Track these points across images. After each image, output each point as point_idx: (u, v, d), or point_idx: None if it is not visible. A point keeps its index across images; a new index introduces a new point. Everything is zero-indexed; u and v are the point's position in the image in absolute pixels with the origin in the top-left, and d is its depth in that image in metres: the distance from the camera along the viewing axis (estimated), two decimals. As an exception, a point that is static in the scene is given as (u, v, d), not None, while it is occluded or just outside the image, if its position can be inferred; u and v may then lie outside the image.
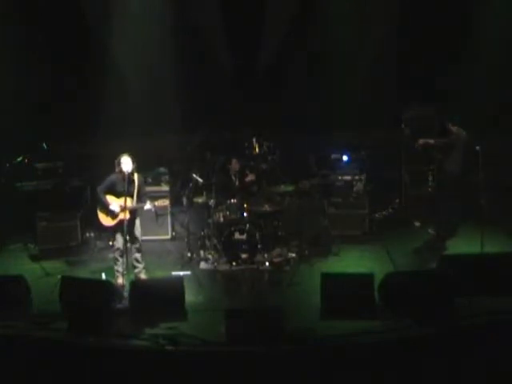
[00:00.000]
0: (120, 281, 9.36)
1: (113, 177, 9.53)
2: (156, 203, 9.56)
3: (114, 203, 9.45)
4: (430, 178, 11.23)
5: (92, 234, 11.65)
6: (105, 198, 9.48)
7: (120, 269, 9.49)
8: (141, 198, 9.58)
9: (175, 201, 11.68)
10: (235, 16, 12.94)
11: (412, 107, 12.47)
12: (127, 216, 9.33)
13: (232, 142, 12.38)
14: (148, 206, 9.48)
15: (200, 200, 10.86)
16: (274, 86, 13.25)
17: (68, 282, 8.80)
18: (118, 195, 9.46)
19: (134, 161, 9.47)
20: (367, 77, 12.75)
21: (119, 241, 9.45)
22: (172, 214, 11.70)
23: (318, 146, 12.71)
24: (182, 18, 12.88)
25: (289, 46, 13.12)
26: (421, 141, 10.65)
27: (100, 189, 9.51)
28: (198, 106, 13.11)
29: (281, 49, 13.18)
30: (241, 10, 12.89)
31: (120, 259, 9.47)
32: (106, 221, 9.58)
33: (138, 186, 9.56)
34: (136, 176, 9.55)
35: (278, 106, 13.09)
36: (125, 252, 9.36)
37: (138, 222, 9.72)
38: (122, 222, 9.32)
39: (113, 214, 9.47)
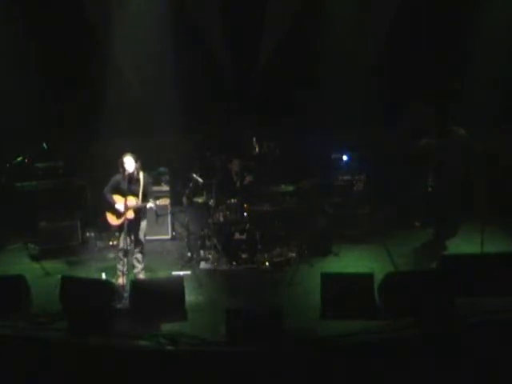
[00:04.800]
0: (121, 280, 9.36)
1: (117, 176, 9.55)
2: (157, 202, 9.55)
3: (120, 202, 9.46)
4: (430, 178, 11.21)
5: (92, 234, 11.69)
6: (111, 197, 9.52)
7: (123, 268, 9.45)
8: (146, 198, 9.57)
9: (175, 201, 11.68)
10: (235, 16, 12.93)
11: (412, 107, 12.48)
12: (130, 215, 9.37)
13: (232, 141, 12.38)
14: (150, 204, 9.48)
15: (200, 200, 10.87)
16: (273, 86, 13.22)
17: (68, 282, 8.80)
18: (122, 194, 9.48)
19: (137, 160, 9.48)
20: (367, 76, 12.74)
21: (122, 240, 9.46)
22: (172, 214, 11.71)
23: (318, 146, 12.72)
24: (182, 19, 12.87)
25: (289, 46, 13.10)
26: (422, 142, 10.66)
27: (106, 189, 9.56)
28: (198, 105, 13.10)
29: (281, 48, 13.15)
30: (241, 10, 12.88)
31: (124, 259, 9.46)
32: (112, 220, 9.63)
33: (144, 185, 9.57)
34: (141, 175, 9.56)
35: (278, 105, 13.08)
36: (127, 251, 9.38)
37: (144, 223, 9.71)
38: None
39: (118, 213, 9.49)
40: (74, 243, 11.35)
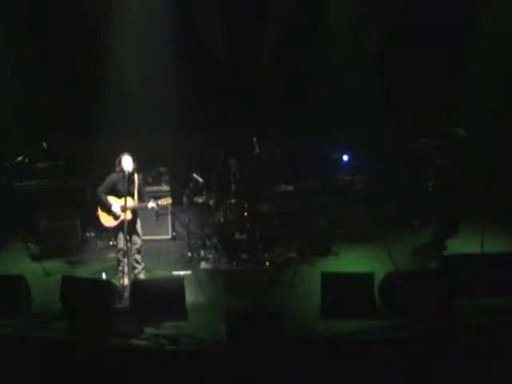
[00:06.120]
0: (125, 281, 9.32)
1: (113, 176, 9.47)
2: (159, 202, 9.53)
3: (116, 204, 9.40)
4: (430, 178, 11.22)
5: (92, 234, 11.69)
6: (106, 198, 9.41)
7: (124, 269, 9.40)
8: (142, 198, 9.56)
9: (175, 200, 11.67)
10: (235, 16, 12.93)
11: (412, 107, 12.48)
12: (128, 216, 9.30)
13: (232, 141, 12.38)
14: (152, 204, 9.43)
15: (200, 200, 10.87)
16: (274, 86, 13.22)
17: (68, 282, 8.79)
18: (118, 195, 9.41)
19: (135, 160, 9.45)
20: (368, 76, 12.73)
21: (121, 241, 9.35)
22: (172, 214, 11.71)
23: (318, 146, 12.72)
24: (182, 19, 12.86)
25: (289, 46, 13.09)
26: (422, 142, 10.67)
27: (101, 189, 9.44)
28: (198, 105, 13.09)
29: (281, 49, 13.14)
30: (241, 10, 12.87)
31: (123, 260, 9.40)
32: (107, 222, 9.51)
33: (139, 185, 9.54)
34: (136, 176, 9.52)
35: (278, 106, 13.07)
36: (126, 252, 9.37)
37: (138, 221, 9.70)
38: (123, 222, 9.26)
39: (114, 215, 9.42)
40: (74, 243, 11.32)
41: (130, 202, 9.34)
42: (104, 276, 9.81)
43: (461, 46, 12.62)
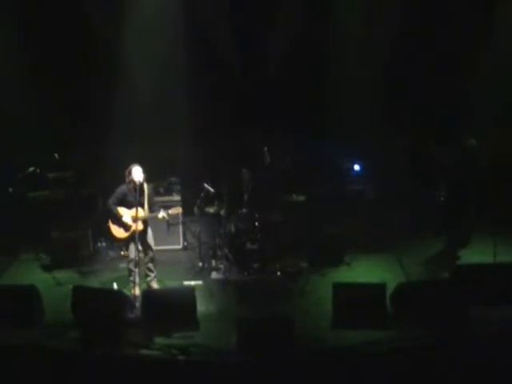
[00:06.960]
0: (136, 291, 9.33)
1: (123, 187, 9.51)
2: (170, 211, 9.55)
3: (127, 215, 9.44)
4: (442, 187, 11.18)
5: (104, 244, 11.70)
6: (117, 210, 9.45)
7: (135, 279, 9.43)
8: (152, 208, 9.58)
9: (187, 210, 11.68)
10: (244, 18, 12.88)
11: (423, 116, 12.46)
12: (140, 227, 9.32)
13: (244, 151, 12.36)
14: (162, 213, 9.47)
15: (211, 210, 10.86)
16: (285, 95, 13.18)
17: (80, 292, 8.81)
18: (129, 206, 9.45)
19: (144, 170, 9.47)
20: (376, 83, 12.69)
21: (133, 252, 9.38)
22: (184, 224, 11.70)
23: (329, 156, 12.69)
24: (191, 26, 12.82)
25: (300, 55, 13.06)
26: (434, 150, 10.65)
27: (111, 201, 9.48)
28: (210, 115, 13.08)
29: (292, 58, 13.10)
30: (249, 12, 12.84)
31: (135, 270, 9.42)
32: (119, 233, 9.54)
33: (148, 195, 9.57)
34: (146, 186, 9.55)
35: (290, 114, 13.03)
36: (138, 262, 9.37)
37: (150, 231, 9.71)
38: (135, 233, 9.29)
39: (126, 226, 9.45)
40: (85, 253, 11.33)
41: (141, 213, 9.36)
42: (115, 286, 9.82)
43: (472, 57, 12.55)
